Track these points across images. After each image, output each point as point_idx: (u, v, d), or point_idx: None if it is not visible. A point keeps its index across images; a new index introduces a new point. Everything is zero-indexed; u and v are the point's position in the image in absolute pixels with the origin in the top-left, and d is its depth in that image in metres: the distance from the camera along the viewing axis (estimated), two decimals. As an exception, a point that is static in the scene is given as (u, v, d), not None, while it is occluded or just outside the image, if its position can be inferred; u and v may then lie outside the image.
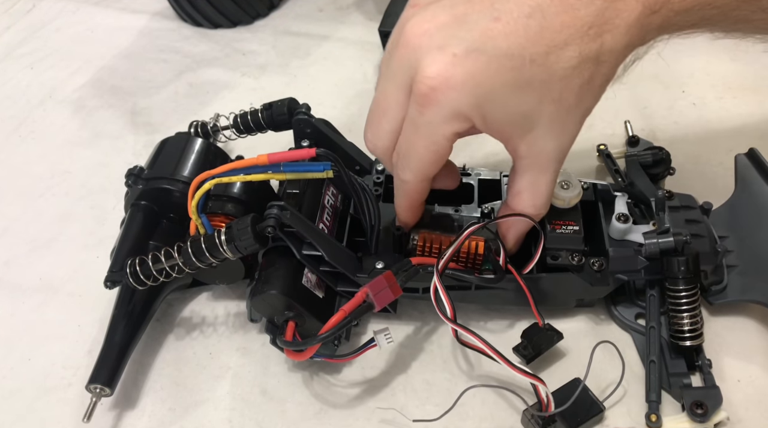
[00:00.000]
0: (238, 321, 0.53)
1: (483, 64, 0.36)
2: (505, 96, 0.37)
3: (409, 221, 0.47)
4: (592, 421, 0.45)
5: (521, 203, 0.44)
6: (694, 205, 0.50)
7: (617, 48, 0.37)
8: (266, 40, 0.79)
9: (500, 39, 0.36)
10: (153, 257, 0.46)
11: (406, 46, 0.38)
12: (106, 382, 0.45)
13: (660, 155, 0.53)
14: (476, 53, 0.36)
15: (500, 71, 0.36)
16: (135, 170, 0.51)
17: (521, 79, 0.37)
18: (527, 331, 0.48)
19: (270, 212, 0.43)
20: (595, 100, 0.40)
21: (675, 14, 0.38)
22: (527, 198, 0.43)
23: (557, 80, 0.37)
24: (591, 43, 0.37)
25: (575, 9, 0.36)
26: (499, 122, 0.39)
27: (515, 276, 0.46)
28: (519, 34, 0.36)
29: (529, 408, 0.44)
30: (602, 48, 0.37)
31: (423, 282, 0.46)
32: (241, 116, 0.57)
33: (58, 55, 0.79)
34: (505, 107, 0.38)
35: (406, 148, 0.41)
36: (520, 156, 0.41)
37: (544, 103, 0.38)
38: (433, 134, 0.39)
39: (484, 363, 0.48)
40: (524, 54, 0.36)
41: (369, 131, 0.43)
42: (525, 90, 0.37)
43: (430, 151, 0.40)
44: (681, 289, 0.45)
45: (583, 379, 0.44)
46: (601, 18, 0.37)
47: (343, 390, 0.48)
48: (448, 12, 0.38)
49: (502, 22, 0.36)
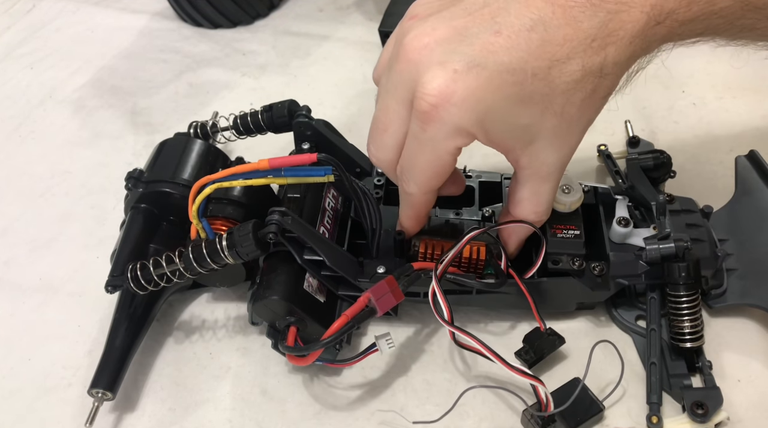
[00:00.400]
0: (239, 321, 0.53)
1: (484, 79, 0.36)
2: (507, 111, 0.37)
3: (412, 230, 0.47)
4: (591, 421, 0.45)
5: (523, 211, 0.44)
6: (694, 209, 0.50)
7: (621, 60, 0.37)
8: (266, 40, 0.78)
9: (501, 53, 0.36)
10: (154, 261, 0.46)
11: (406, 60, 0.38)
12: (108, 386, 0.46)
13: (661, 158, 0.53)
14: (477, 68, 0.36)
15: (502, 86, 0.36)
16: (134, 173, 0.51)
17: (523, 94, 0.36)
18: (529, 336, 0.48)
19: (271, 218, 0.43)
20: (598, 111, 0.39)
21: (680, 24, 0.38)
22: (528, 206, 0.43)
23: (559, 94, 0.37)
24: (594, 56, 0.36)
25: (578, 21, 0.36)
26: (501, 136, 0.39)
27: (516, 281, 0.46)
28: (520, 48, 0.36)
29: (528, 408, 0.44)
30: (606, 61, 0.36)
31: (424, 287, 0.46)
32: (240, 118, 0.57)
33: (58, 55, 0.79)
34: (506, 122, 0.38)
35: (410, 162, 0.41)
36: (521, 167, 0.41)
37: (546, 116, 0.37)
38: (435, 150, 0.39)
39: (484, 364, 0.48)
40: (526, 68, 0.36)
41: (372, 145, 0.43)
42: (527, 104, 0.37)
43: (433, 165, 0.40)
44: (682, 294, 0.46)
45: (583, 379, 0.44)
46: (604, 30, 0.36)
47: (343, 391, 0.48)
48: (448, 25, 0.37)
49: (503, 35, 0.36)
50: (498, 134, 0.38)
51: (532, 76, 0.36)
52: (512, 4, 0.37)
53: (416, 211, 0.45)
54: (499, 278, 0.46)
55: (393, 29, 0.70)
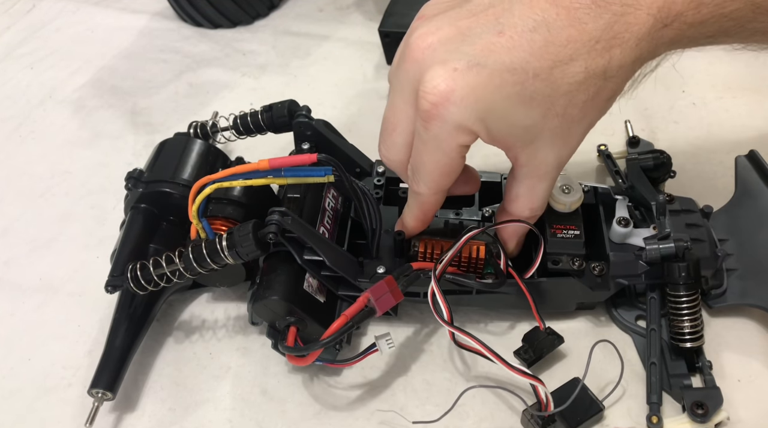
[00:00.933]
0: (239, 321, 0.53)
1: (485, 78, 0.36)
2: (508, 110, 0.37)
3: (415, 231, 0.47)
4: (591, 420, 0.45)
5: (518, 207, 0.44)
6: (694, 209, 0.50)
7: (626, 63, 0.37)
8: (266, 40, 0.78)
9: (503, 53, 0.36)
10: (154, 261, 0.46)
11: (411, 59, 0.38)
12: (108, 387, 0.46)
13: (661, 158, 0.53)
14: (478, 68, 0.36)
15: (502, 86, 0.36)
16: (134, 173, 0.51)
17: (524, 94, 0.36)
18: (528, 335, 0.48)
19: (271, 218, 0.43)
20: (601, 114, 0.39)
21: (688, 27, 0.37)
22: (524, 203, 0.43)
23: (561, 95, 0.37)
24: (598, 58, 0.36)
25: (582, 23, 0.36)
26: (502, 134, 0.39)
27: (516, 280, 0.46)
28: (523, 48, 0.36)
29: (528, 408, 0.44)
30: (610, 63, 0.36)
31: (424, 287, 0.47)
32: (240, 118, 0.57)
33: (58, 55, 0.79)
34: (507, 121, 0.38)
35: (418, 162, 0.41)
36: (519, 164, 0.41)
37: (548, 117, 0.38)
38: (439, 148, 0.39)
39: (483, 364, 0.48)
40: (527, 68, 0.36)
41: (382, 145, 0.43)
42: (528, 104, 0.37)
43: (440, 164, 0.40)
44: (682, 294, 0.46)
45: (582, 378, 0.44)
46: (609, 32, 0.36)
47: (343, 391, 0.48)
48: (453, 25, 0.38)
49: (506, 36, 0.36)
50: (499, 132, 0.38)
51: (533, 76, 0.36)
52: (516, 5, 0.37)
53: (424, 211, 0.45)
54: (499, 278, 0.46)
55: (393, 29, 0.71)
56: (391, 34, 0.71)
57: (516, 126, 0.38)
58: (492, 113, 0.37)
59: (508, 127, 0.38)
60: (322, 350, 0.43)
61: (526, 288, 0.46)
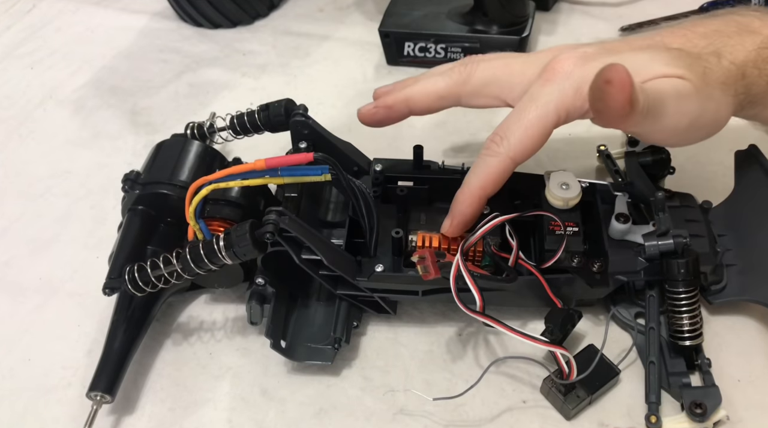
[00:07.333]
0: (238, 322, 0.53)
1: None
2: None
3: (460, 219, 0.46)
4: (608, 385, 0.46)
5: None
6: (693, 204, 0.50)
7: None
8: (266, 40, 0.79)
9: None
10: (151, 263, 0.46)
11: (552, 69, 0.44)
12: (107, 389, 0.45)
13: (660, 155, 0.53)
14: (606, 54, 0.43)
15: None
16: (131, 174, 0.51)
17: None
18: (549, 316, 0.47)
19: (268, 217, 0.43)
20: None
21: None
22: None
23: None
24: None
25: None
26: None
27: (528, 268, 0.47)
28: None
29: (550, 375, 0.45)
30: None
31: (422, 285, 0.47)
32: (237, 118, 0.57)
33: (58, 55, 0.79)
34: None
35: (516, 117, 0.44)
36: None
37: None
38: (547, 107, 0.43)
39: (484, 364, 0.48)
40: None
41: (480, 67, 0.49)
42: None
43: (539, 122, 0.43)
44: (681, 291, 0.45)
45: (601, 348, 0.45)
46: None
47: (343, 391, 0.48)
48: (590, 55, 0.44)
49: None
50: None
51: None
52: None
53: (484, 185, 0.45)
54: (510, 273, 0.46)
55: (393, 29, 0.71)
56: (391, 34, 0.71)
57: None
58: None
59: None
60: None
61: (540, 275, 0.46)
